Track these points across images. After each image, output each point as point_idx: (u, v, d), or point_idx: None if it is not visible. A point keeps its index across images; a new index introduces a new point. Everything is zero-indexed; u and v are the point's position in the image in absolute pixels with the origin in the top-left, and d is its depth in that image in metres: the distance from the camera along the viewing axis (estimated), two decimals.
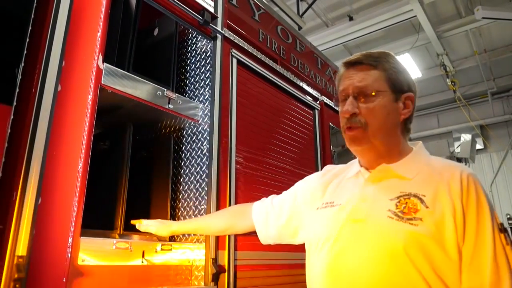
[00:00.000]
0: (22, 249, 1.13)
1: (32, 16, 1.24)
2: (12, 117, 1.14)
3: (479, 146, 10.09)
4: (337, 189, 1.15)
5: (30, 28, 1.22)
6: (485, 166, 10.82)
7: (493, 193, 10.63)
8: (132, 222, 1.45)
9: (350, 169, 1.18)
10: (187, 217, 1.81)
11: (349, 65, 1.10)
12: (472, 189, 0.95)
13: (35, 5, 1.25)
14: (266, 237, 1.34)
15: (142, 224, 1.41)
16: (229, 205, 1.84)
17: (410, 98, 1.08)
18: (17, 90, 1.16)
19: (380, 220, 0.97)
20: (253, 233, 1.95)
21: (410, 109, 1.08)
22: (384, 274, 0.92)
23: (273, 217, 1.31)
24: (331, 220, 1.06)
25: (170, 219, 1.78)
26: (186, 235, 1.78)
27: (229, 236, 1.78)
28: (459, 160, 7.68)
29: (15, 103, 1.15)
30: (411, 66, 9.22)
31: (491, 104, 10.42)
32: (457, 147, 8.16)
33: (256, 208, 1.37)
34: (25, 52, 1.20)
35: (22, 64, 1.19)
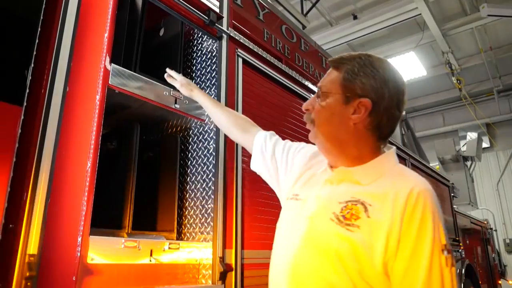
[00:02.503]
0: (33, 247, 1.15)
1: (41, 17, 1.25)
2: (22, 117, 1.15)
3: (485, 144, 10.03)
4: (306, 183, 1.21)
5: (39, 29, 1.23)
6: (492, 165, 10.75)
7: (499, 192, 10.55)
8: (168, 70, 1.69)
9: (324, 163, 1.22)
10: (194, 216, 1.82)
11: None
12: (418, 207, 0.95)
13: (43, 6, 1.26)
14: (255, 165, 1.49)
15: (171, 75, 1.66)
16: (236, 204, 1.84)
17: (363, 103, 1.05)
18: (27, 91, 1.18)
19: (324, 220, 1.03)
20: (259, 232, 1.96)
21: (361, 115, 1.05)
22: (318, 270, 0.99)
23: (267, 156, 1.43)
24: (293, 214, 1.15)
25: (177, 219, 1.80)
26: (193, 234, 1.79)
27: (236, 235, 1.79)
28: (465, 158, 7.63)
29: (25, 104, 1.17)
30: (416, 64, 9.17)
31: (497, 102, 10.35)
32: (463, 146, 8.11)
33: (258, 139, 1.48)
34: (34, 53, 1.21)
35: (32, 65, 1.20)
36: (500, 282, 7.05)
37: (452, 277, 0.93)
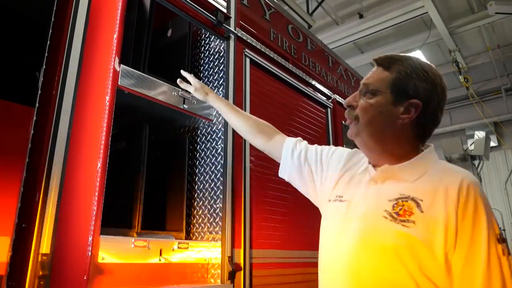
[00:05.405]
0: (45, 247, 1.17)
1: (52, 20, 1.26)
2: (34, 118, 1.17)
3: (493, 143, 9.91)
4: (348, 184, 1.21)
5: (50, 32, 1.25)
6: (500, 164, 10.63)
7: (508, 191, 10.44)
8: (182, 72, 1.59)
9: (361, 163, 1.23)
10: (203, 216, 1.83)
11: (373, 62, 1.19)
12: (471, 199, 0.97)
13: (55, 9, 1.28)
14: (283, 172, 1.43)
15: (183, 81, 1.56)
16: (244, 204, 1.85)
17: (414, 104, 1.07)
18: (39, 92, 1.19)
19: (375, 219, 1.03)
20: (267, 232, 1.96)
21: (411, 115, 1.07)
22: (377, 269, 0.98)
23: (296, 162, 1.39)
24: (338, 216, 1.14)
25: (186, 218, 1.81)
26: (202, 234, 1.80)
27: (245, 235, 1.80)
28: (473, 158, 7.57)
29: (37, 105, 1.18)
30: None
31: (505, 100, 10.23)
32: (470, 145, 8.04)
33: (287, 146, 1.43)
34: (46, 55, 1.22)
35: (44, 67, 1.22)
36: None
37: (510, 265, 0.94)
